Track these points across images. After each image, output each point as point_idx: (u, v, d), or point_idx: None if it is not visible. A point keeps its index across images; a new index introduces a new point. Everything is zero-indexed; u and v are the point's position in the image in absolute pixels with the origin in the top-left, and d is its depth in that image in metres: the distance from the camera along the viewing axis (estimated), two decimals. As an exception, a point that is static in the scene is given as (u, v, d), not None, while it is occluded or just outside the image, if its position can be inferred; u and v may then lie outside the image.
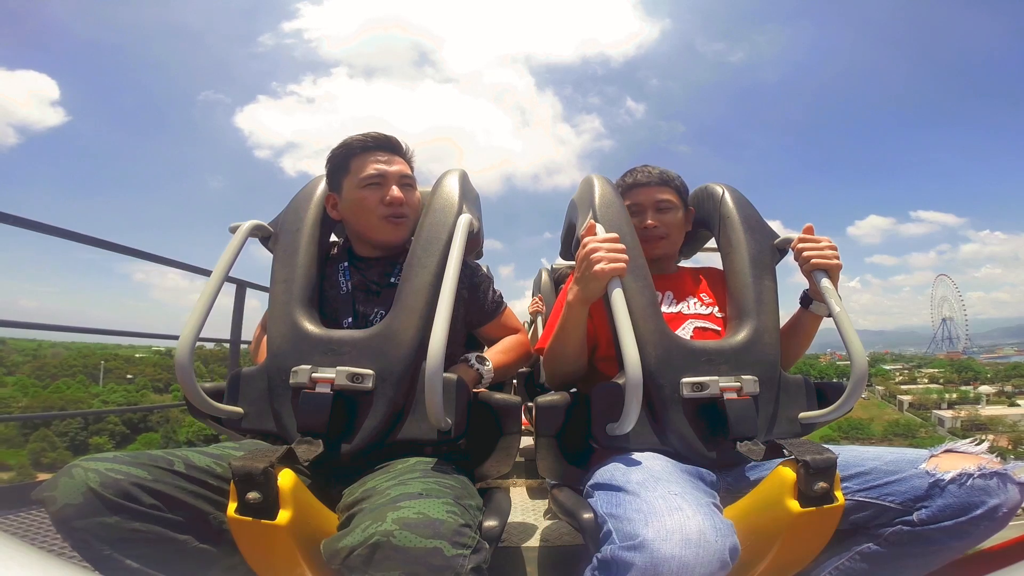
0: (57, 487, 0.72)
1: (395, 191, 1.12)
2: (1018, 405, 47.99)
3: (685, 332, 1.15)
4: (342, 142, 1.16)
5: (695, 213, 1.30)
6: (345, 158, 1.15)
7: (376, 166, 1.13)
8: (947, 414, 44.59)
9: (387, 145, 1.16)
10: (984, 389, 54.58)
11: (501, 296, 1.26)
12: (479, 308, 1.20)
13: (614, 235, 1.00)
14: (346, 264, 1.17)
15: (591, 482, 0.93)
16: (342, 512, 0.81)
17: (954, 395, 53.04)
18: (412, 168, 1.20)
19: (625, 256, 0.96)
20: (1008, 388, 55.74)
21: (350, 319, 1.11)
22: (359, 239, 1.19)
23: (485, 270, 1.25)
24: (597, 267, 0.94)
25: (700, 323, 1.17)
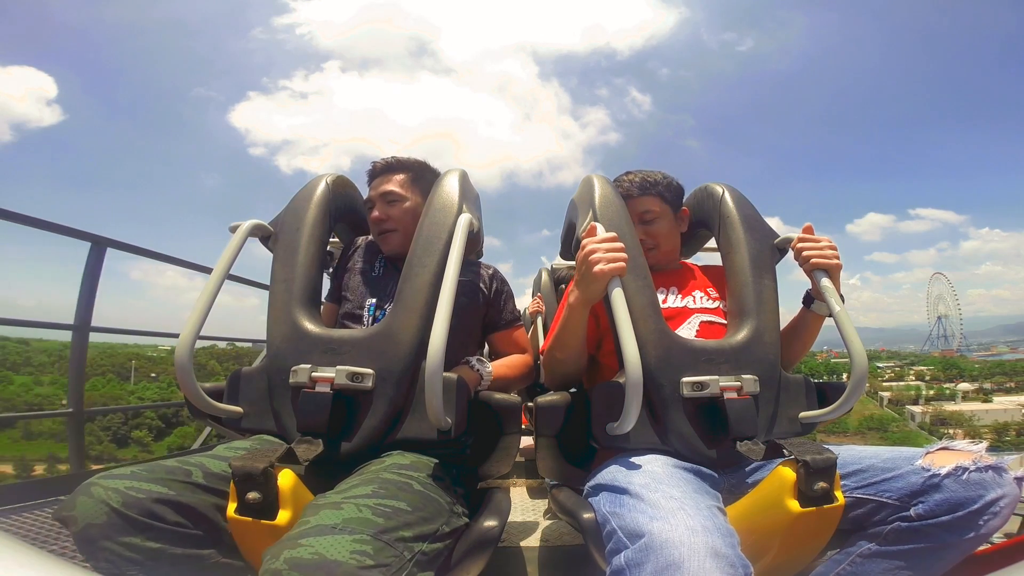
0: (76, 507, 0.71)
1: (375, 213, 1.25)
2: (990, 401, 49.60)
3: (691, 326, 1.15)
4: None
5: (695, 213, 1.30)
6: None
7: (370, 192, 1.28)
8: (918, 409, 47.41)
9: (383, 169, 1.29)
10: (963, 386, 55.76)
11: (520, 314, 1.32)
12: (497, 313, 1.25)
13: (613, 234, 0.99)
14: (383, 255, 1.27)
15: (592, 483, 0.93)
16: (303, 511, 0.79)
17: (931, 392, 54.27)
18: (409, 173, 1.27)
19: (624, 255, 0.96)
20: (988, 385, 56.56)
21: (373, 300, 1.17)
22: None
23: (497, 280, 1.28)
24: (597, 268, 0.93)
25: (707, 317, 1.17)
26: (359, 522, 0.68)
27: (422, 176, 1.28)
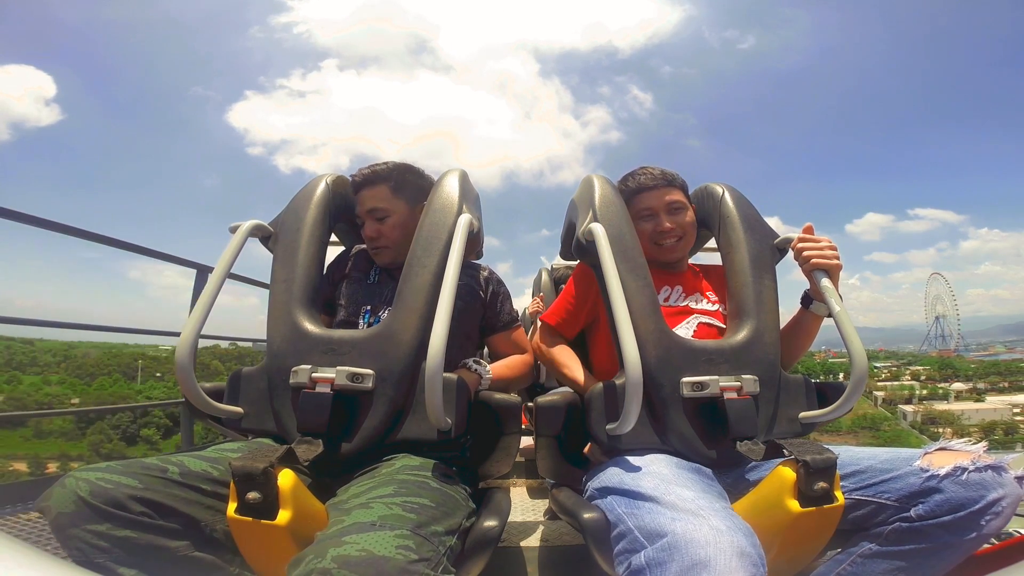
0: (51, 497, 0.74)
1: (366, 230, 1.22)
2: (983, 401, 50.15)
3: (689, 326, 1.16)
4: None
5: (696, 213, 1.30)
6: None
7: (358, 207, 1.24)
8: (910, 408, 48.15)
9: (362, 183, 1.23)
10: (957, 386, 56.01)
11: (517, 314, 1.31)
12: (494, 315, 1.25)
13: None
14: (378, 264, 1.26)
15: (597, 485, 0.93)
16: (329, 513, 0.80)
17: (925, 391, 54.51)
18: (390, 183, 1.22)
19: None
20: (982, 385, 56.83)
21: (368, 307, 1.16)
22: None
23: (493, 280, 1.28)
24: None
25: (706, 319, 1.17)
26: (395, 519, 0.70)
27: (403, 182, 1.24)
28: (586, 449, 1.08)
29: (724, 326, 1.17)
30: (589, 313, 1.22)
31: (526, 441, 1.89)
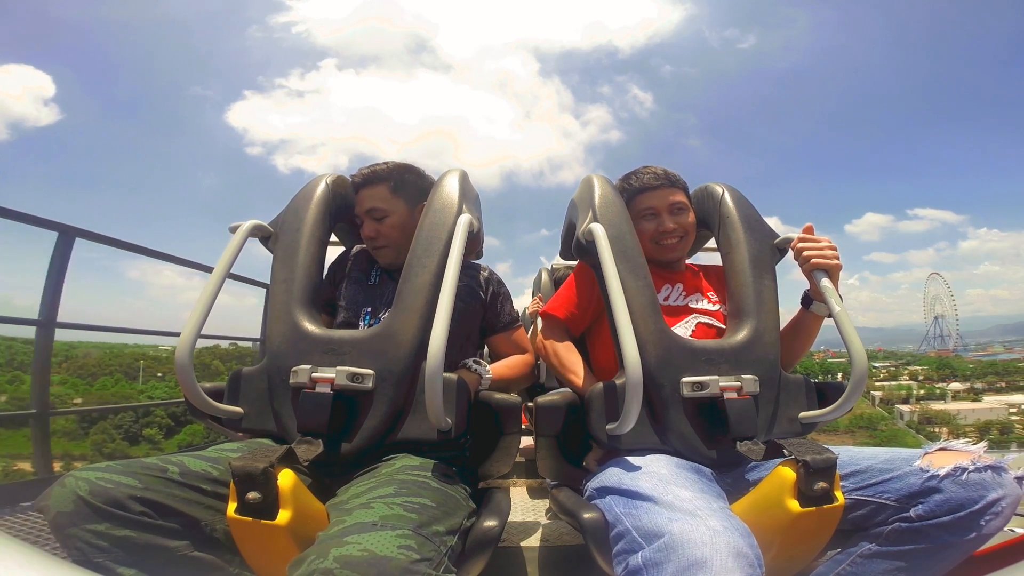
0: (51, 496, 0.74)
1: (365, 230, 1.22)
2: (979, 401, 50.22)
3: (688, 326, 1.16)
4: None
5: (695, 213, 1.30)
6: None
7: (356, 207, 1.24)
8: (906, 408, 48.23)
9: (362, 183, 1.23)
10: (954, 386, 55.91)
11: (518, 314, 1.31)
12: (495, 316, 1.25)
13: None
14: (379, 266, 1.26)
15: (596, 485, 0.93)
16: (329, 514, 0.80)
17: (922, 391, 54.44)
18: (389, 183, 1.22)
19: None
20: (979, 385, 56.80)
21: (368, 309, 1.16)
22: None
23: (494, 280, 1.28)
24: None
25: (705, 319, 1.17)
26: (396, 519, 0.70)
27: (403, 182, 1.24)
28: (585, 462, 1.07)
29: (724, 326, 1.16)
30: (593, 312, 1.22)
31: (526, 441, 1.89)
